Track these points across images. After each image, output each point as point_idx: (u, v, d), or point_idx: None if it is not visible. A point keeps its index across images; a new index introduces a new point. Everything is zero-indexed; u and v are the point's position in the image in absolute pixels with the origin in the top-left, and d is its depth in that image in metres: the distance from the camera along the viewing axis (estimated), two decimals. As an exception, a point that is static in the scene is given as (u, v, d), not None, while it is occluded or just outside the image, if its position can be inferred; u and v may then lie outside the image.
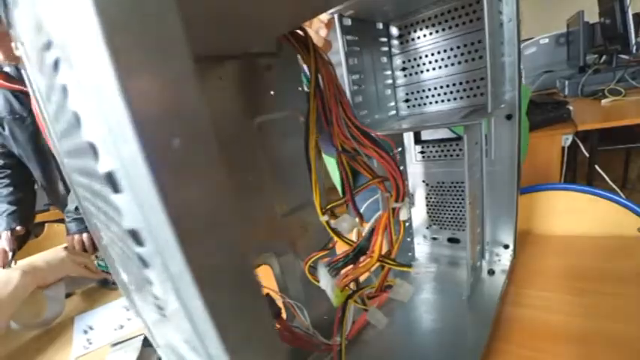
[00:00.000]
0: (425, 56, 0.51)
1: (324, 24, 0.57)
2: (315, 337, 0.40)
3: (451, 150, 0.54)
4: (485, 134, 0.49)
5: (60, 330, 0.69)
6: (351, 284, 0.38)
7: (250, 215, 0.37)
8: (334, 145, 0.33)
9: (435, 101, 0.53)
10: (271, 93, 0.36)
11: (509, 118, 0.48)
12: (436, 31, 0.49)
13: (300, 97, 0.39)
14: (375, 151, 0.32)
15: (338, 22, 0.42)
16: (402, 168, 0.54)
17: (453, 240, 0.60)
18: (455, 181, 0.56)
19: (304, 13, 0.25)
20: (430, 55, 0.51)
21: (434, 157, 0.57)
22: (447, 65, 0.50)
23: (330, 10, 0.41)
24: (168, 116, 0.08)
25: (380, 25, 0.51)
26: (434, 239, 0.63)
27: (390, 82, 0.55)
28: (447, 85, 0.51)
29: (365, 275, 0.38)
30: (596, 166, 1.40)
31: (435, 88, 0.52)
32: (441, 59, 0.50)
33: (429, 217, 0.62)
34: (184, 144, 0.09)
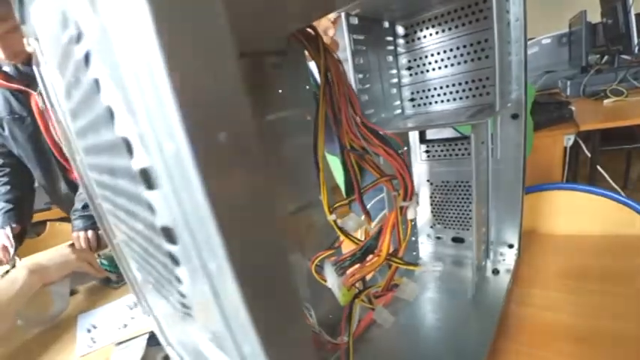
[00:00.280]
0: (430, 55, 0.51)
1: (332, 23, 0.57)
2: (321, 335, 0.40)
3: (456, 149, 0.54)
4: (491, 133, 0.49)
5: (64, 328, 0.69)
6: (358, 283, 0.38)
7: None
8: (342, 144, 0.33)
9: (441, 100, 0.53)
10: (279, 92, 0.36)
11: (515, 117, 0.48)
12: (442, 31, 0.49)
13: (308, 96, 0.39)
14: (384, 150, 0.32)
15: (345, 20, 0.42)
16: (407, 167, 0.54)
17: (457, 239, 0.60)
18: (460, 181, 0.56)
19: (316, 11, 0.25)
20: (436, 55, 0.51)
21: (439, 156, 0.57)
22: (452, 64, 0.50)
23: (339, 10, 0.41)
24: (215, 110, 0.08)
25: (386, 24, 0.51)
26: (438, 238, 0.63)
27: (396, 81, 0.55)
28: (453, 85, 0.51)
29: (370, 274, 0.38)
30: (598, 167, 1.40)
31: (441, 87, 0.52)
32: (447, 58, 0.50)
33: (433, 216, 0.62)
34: (230, 138, 0.09)
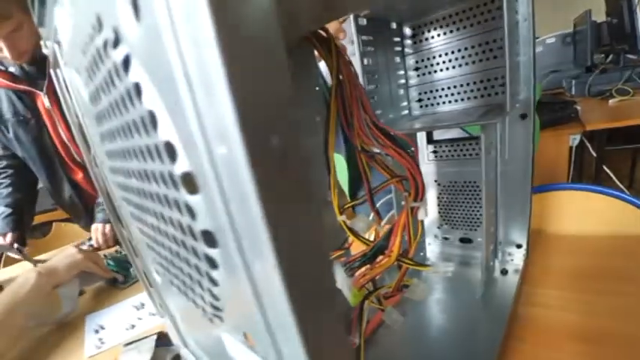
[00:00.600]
0: (438, 56, 0.51)
1: (340, 26, 0.57)
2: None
3: (464, 149, 0.54)
4: (499, 134, 0.49)
5: (71, 329, 0.69)
6: (367, 284, 0.38)
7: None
8: (354, 145, 0.33)
9: (448, 101, 0.53)
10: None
11: (523, 117, 0.48)
12: (450, 31, 0.49)
13: (317, 96, 0.39)
14: (395, 150, 0.32)
15: (354, 22, 0.42)
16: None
17: (464, 240, 0.60)
18: (467, 181, 0.56)
19: (329, 14, 0.25)
20: (444, 55, 0.51)
21: (446, 156, 0.57)
22: (460, 65, 0.50)
23: (352, 12, 0.41)
24: (269, 113, 0.08)
25: (394, 25, 0.51)
26: (445, 239, 0.63)
27: (403, 82, 0.55)
28: (461, 85, 0.51)
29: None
30: (604, 166, 1.40)
31: (449, 87, 0.52)
32: (455, 59, 0.50)
33: (440, 216, 0.62)
34: (281, 141, 0.08)
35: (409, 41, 0.53)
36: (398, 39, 0.52)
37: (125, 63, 0.11)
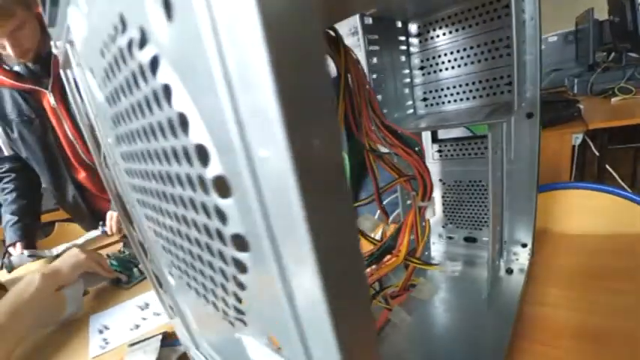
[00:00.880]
0: (443, 55, 0.51)
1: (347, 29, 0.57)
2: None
3: (469, 149, 0.54)
4: (505, 133, 0.49)
5: (76, 329, 0.69)
6: (374, 283, 0.38)
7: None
8: (362, 144, 0.33)
9: (454, 100, 0.53)
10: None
11: (529, 116, 0.48)
12: (455, 30, 0.49)
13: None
14: (403, 150, 0.32)
15: (360, 21, 0.42)
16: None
17: (469, 239, 0.60)
18: (473, 180, 0.56)
19: (337, 14, 0.25)
20: (449, 54, 0.51)
21: (451, 155, 0.57)
22: (465, 64, 0.50)
23: (359, 12, 0.40)
24: (312, 115, 0.08)
25: (399, 24, 0.51)
26: (450, 238, 0.63)
27: (408, 80, 0.55)
28: (466, 84, 0.51)
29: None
30: (607, 165, 1.39)
31: (454, 86, 0.52)
32: (460, 58, 0.50)
33: (445, 216, 0.62)
34: (322, 144, 0.08)
35: (414, 40, 0.53)
36: (403, 38, 0.52)
37: (152, 64, 0.10)
